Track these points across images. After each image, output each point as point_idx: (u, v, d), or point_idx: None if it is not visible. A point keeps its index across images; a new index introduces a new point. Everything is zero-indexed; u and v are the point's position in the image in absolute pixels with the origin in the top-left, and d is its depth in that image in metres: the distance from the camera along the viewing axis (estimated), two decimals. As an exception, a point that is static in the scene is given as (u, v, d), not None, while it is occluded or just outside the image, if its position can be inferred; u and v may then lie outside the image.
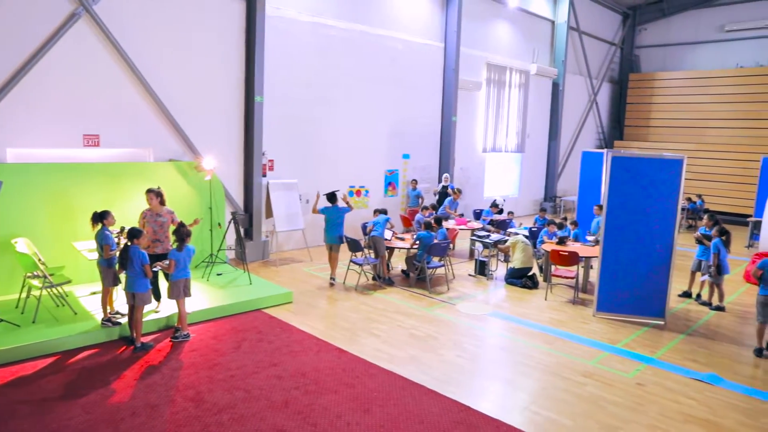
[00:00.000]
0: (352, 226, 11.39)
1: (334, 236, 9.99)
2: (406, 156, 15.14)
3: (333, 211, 9.98)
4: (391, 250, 10.89)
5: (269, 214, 11.68)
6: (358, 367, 6.66)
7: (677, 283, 10.92)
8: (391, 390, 6.10)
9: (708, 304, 9.55)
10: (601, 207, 10.59)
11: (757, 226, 14.29)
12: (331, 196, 10.03)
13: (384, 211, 10.53)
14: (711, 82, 21.01)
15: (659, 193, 8.27)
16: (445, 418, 5.53)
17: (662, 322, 8.57)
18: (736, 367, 7.15)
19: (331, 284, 10.16)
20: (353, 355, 7.03)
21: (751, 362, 7.34)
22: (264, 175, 11.70)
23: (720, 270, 9.11)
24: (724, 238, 9.04)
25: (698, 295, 9.84)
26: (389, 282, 10.24)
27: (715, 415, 5.86)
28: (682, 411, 5.92)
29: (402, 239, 10.78)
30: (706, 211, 18.62)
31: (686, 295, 10.02)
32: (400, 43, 14.35)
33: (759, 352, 7.60)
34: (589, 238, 11.28)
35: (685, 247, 14.11)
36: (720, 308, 9.39)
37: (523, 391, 6.25)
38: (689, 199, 17.93)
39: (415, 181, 14.96)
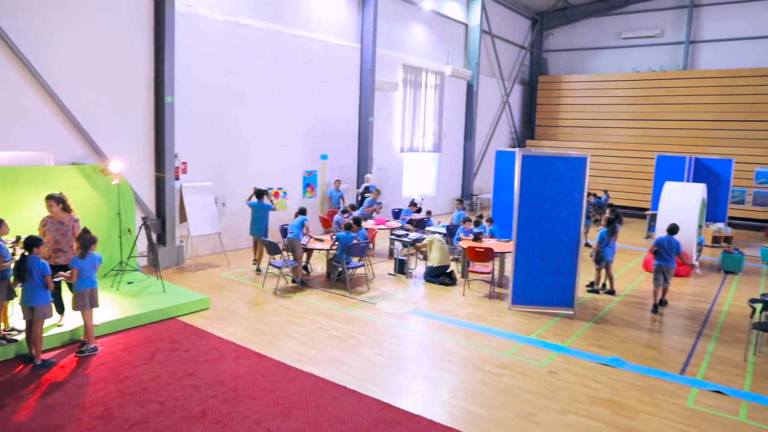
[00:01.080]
0: (271, 228, 11.21)
1: (259, 229, 10.97)
2: (324, 157, 15.07)
3: (258, 206, 10.96)
4: (309, 251, 10.84)
5: (183, 218, 11.26)
6: (278, 372, 6.56)
7: (586, 274, 11.61)
8: (311, 393, 6.06)
9: (601, 290, 10.36)
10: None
11: (654, 218, 15.41)
12: (260, 193, 11.06)
13: (303, 212, 10.53)
14: (611, 85, 22.45)
15: (566, 189, 8.73)
16: (366, 417, 5.56)
17: (572, 312, 9.05)
18: (636, 349, 7.68)
19: (257, 273, 10.89)
20: (273, 359, 6.92)
21: (648, 344, 7.90)
22: (177, 178, 11.26)
23: (600, 257, 9.94)
24: (609, 228, 9.83)
25: (603, 285, 10.47)
26: (302, 284, 10.18)
27: (618, 395, 6.27)
28: (589, 394, 6.28)
29: (321, 240, 10.73)
30: (610, 205, 19.96)
31: (592, 287, 10.61)
32: (317, 43, 14.26)
33: (654, 309, 9.31)
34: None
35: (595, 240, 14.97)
36: (610, 292, 10.25)
37: (443, 386, 6.40)
38: (595, 195, 19.02)
39: (338, 182, 14.92)
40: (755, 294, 10.02)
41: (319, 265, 11.64)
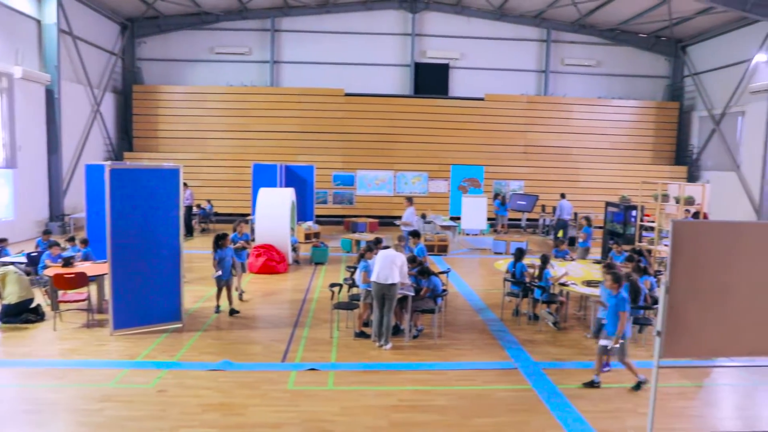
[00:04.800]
0: None
1: None
2: None
3: None
4: None
5: None
6: None
7: (196, 284, 11.66)
8: None
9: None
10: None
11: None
12: None
13: None
14: (208, 97, 23.14)
15: (161, 201, 8.53)
16: None
17: (181, 325, 8.92)
18: (244, 348, 8.10)
19: None
20: None
21: (254, 341, 8.43)
22: None
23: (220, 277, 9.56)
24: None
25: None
26: None
27: (228, 397, 6.49)
28: (200, 403, 6.30)
29: None
30: (216, 214, 20.60)
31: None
32: None
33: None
34: None
35: (197, 250, 15.16)
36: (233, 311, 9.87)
37: (28, 442, 5.43)
38: (199, 206, 19.32)
39: None
40: (338, 279, 11.80)
41: None
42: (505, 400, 6.65)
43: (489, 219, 19.77)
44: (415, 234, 10.87)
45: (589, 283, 9.45)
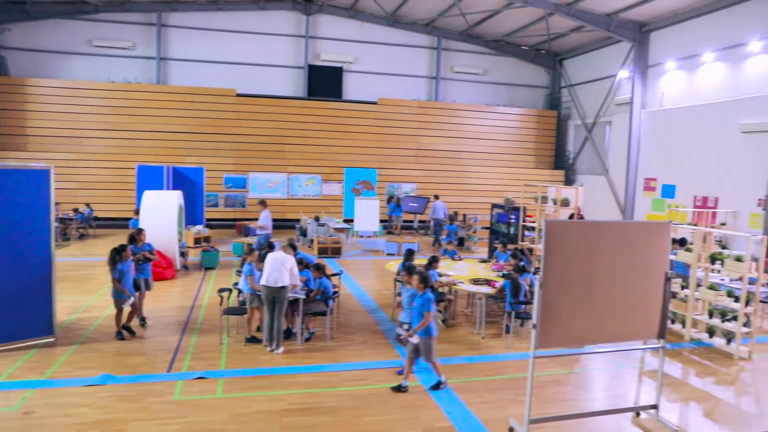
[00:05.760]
0: None
1: None
2: None
3: None
4: None
5: None
6: None
7: (72, 293, 10.83)
8: None
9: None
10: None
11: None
12: None
13: None
14: (87, 93, 21.46)
15: (30, 205, 7.84)
16: None
17: (53, 339, 8.24)
18: (126, 360, 7.65)
19: None
20: None
21: (138, 352, 7.99)
22: None
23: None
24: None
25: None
26: None
27: (107, 413, 6.10)
28: (74, 422, 5.87)
29: None
30: (96, 219, 19.22)
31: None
32: None
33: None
34: None
35: (74, 257, 14.11)
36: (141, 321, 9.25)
37: None
38: (76, 210, 17.95)
39: None
40: (229, 284, 11.46)
41: None
42: (395, 398, 6.81)
43: (382, 221, 20.13)
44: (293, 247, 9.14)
45: (476, 281, 9.93)
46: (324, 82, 23.82)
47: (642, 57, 20.67)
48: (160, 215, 12.88)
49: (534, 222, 14.54)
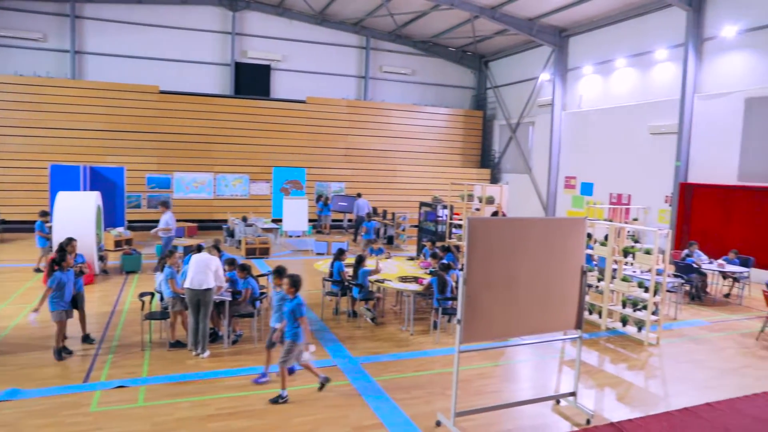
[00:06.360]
0: None
1: None
2: None
3: None
4: None
5: None
6: None
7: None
8: None
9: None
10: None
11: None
12: None
13: None
14: (-10, 87, 20.01)
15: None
16: None
17: (-47, 352, 7.64)
18: (37, 372, 7.19)
19: None
20: None
21: (50, 363, 7.53)
22: None
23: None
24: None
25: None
26: None
27: (13, 430, 5.71)
28: (-23, 441, 5.46)
29: None
30: (4, 222, 17.96)
31: None
32: None
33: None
34: None
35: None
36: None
37: None
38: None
39: None
40: (152, 288, 11.02)
41: None
42: (324, 398, 6.79)
43: (311, 220, 19.98)
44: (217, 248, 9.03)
45: (404, 279, 10.05)
46: (252, 80, 23.38)
47: (562, 61, 21.64)
48: (76, 217, 12.20)
49: (461, 219, 14.89)
